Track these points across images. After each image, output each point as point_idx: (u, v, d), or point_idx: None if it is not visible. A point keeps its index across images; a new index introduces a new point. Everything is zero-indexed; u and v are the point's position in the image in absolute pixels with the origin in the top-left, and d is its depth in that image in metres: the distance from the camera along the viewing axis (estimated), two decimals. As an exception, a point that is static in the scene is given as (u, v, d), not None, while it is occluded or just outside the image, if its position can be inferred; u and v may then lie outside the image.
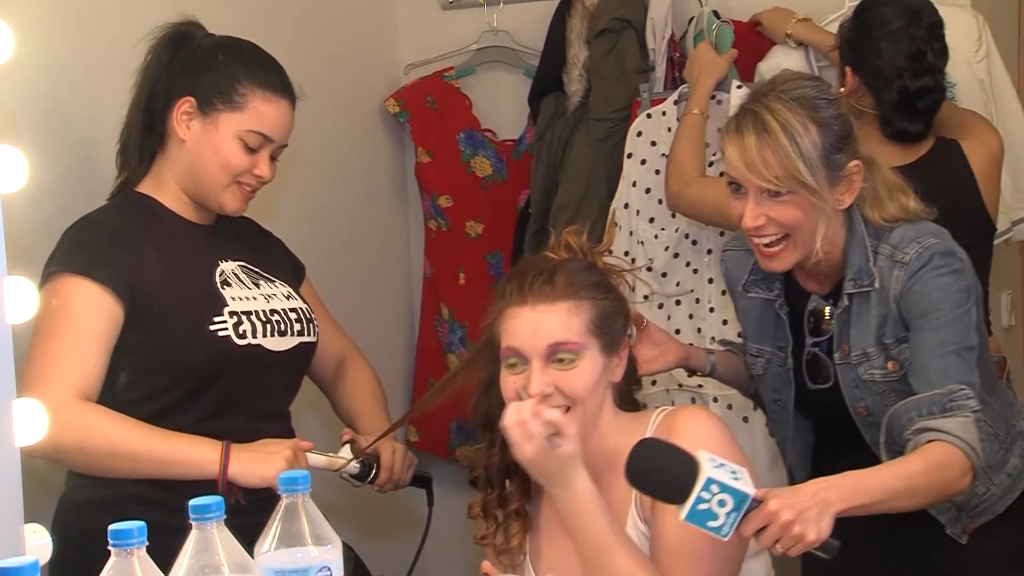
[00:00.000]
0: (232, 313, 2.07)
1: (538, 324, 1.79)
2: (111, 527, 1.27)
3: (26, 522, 1.44)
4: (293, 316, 2.17)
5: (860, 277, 1.98)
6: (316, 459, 2.10)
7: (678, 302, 3.02)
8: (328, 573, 1.45)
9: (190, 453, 1.96)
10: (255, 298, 2.13)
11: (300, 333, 2.17)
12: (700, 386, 2.93)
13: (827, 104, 1.96)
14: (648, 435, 1.81)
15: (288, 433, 2.15)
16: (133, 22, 2.20)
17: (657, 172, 2.98)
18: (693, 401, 2.97)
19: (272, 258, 2.27)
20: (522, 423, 1.70)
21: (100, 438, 1.94)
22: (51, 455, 1.89)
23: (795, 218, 1.93)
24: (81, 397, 1.93)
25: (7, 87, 1.48)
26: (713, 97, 2.91)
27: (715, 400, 2.94)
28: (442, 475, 3.53)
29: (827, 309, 2.06)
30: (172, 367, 2.02)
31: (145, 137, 2.13)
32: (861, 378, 2.02)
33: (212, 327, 2.04)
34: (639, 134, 3.02)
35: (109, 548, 1.27)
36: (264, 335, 2.09)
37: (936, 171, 2.51)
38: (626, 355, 1.90)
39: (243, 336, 2.06)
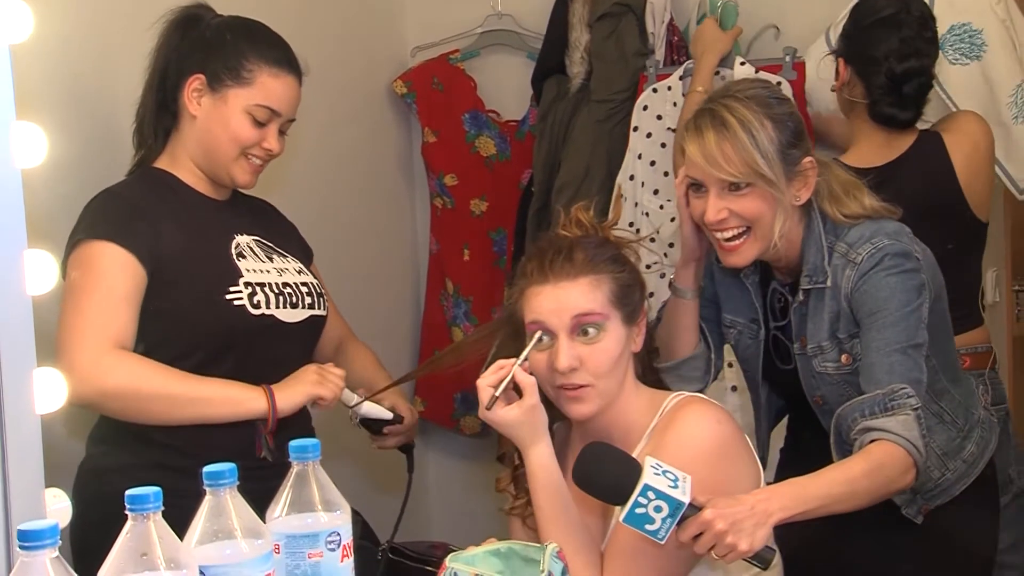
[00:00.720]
0: (247, 284, 2.11)
1: (562, 299, 1.84)
2: (128, 492, 1.30)
3: (47, 487, 1.49)
4: (304, 289, 2.21)
5: (814, 274, 2.03)
6: (348, 394, 2.18)
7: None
8: (337, 538, 1.50)
9: (228, 393, 2.03)
10: (268, 271, 2.17)
11: (311, 306, 2.21)
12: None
13: (779, 103, 2.02)
14: (656, 419, 1.88)
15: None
16: (149, 2, 2.23)
17: (663, 145, 3.02)
18: None
19: (285, 237, 2.32)
20: (482, 388, 1.81)
21: (143, 382, 1.99)
22: (95, 402, 1.98)
23: (756, 210, 1.98)
24: (119, 348, 1.99)
25: (27, 65, 1.50)
26: (717, 73, 2.94)
27: (734, 389, 2.95)
28: (446, 444, 3.60)
29: (788, 299, 2.11)
30: (187, 335, 2.07)
31: (159, 116, 2.18)
32: (815, 370, 2.06)
33: (227, 296, 2.08)
34: (645, 108, 3.05)
35: (126, 512, 1.30)
36: (277, 306, 2.14)
37: (916, 167, 2.56)
38: (644, 325, 1.95)
39: (257, 306, 2.10)
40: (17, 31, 1.47)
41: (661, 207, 3.05)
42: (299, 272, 2.24)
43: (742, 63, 2.94)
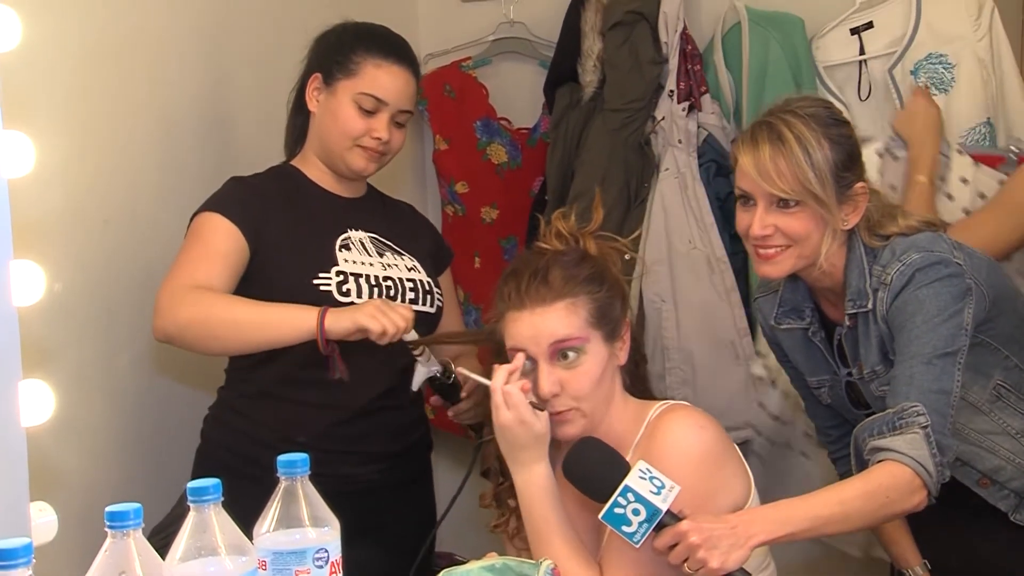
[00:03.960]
0: (340, 272, 2.20)
1: (539, 326, 1.84)
2: (107, 509, 1.31)
3: (32, 500, 1.48)
4: (409, 285, 2.27)
5: (858, 297, 2.01)
6: (413, 336, 2.13)
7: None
8: (325, 554, 1.49)
9: (288, 314, 2.10)
10: (371, 264, 2.25)
11: (414, 302, 2.25)
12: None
13: (837, 124, 2.00)
14: (642, 429, 1.87)
15: (393, 392, 2.25)
16: (140, 8, 2.23)
17: None
18: None
19: (412, 237, 2.40)
20: (508, 392, 1.80)
21: (212, 310, 2.10)
22: (174, 335, 2.12)
23: (802, 230, 1.96)
24: (199, 287, 2.10)
25: (15, 74, 1.50)
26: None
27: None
28: (456, 451, 3.58)
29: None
30: None
31: (295, 120, 2.38)
32: (875, 394, 2.04)
33: (315, 281, 2.17)
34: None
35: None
36: (369, 297, 2.19)
37: None
38: (628, 336, 1.94)
39: (346, 295, 2.18)
40: (5, 40, 1.47)
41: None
42: (410, 269, 2.31)
43: (959, 151, 2.76)
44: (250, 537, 1.45)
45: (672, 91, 3.05)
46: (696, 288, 3.04)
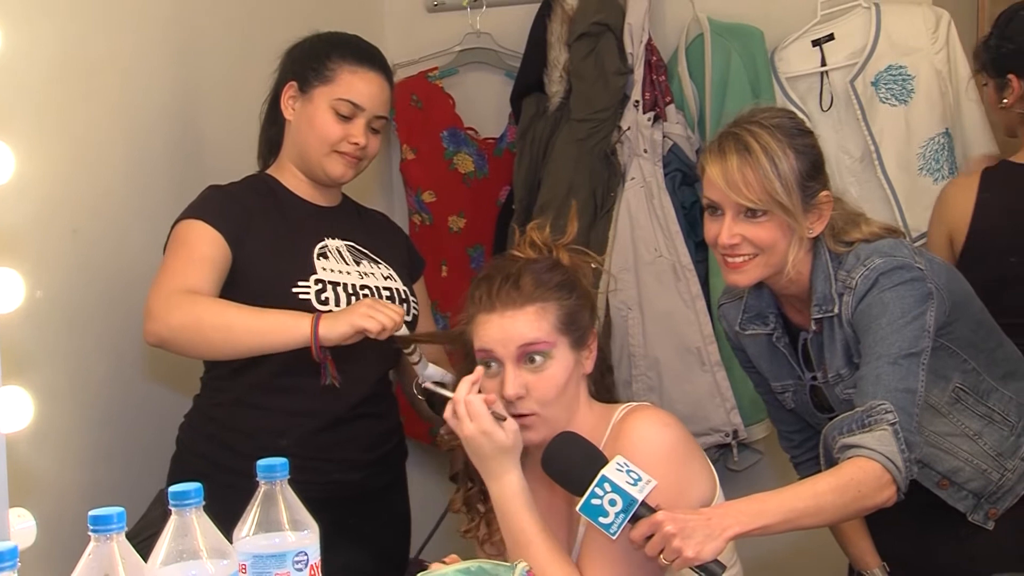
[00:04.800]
0: (318, 281, 2.20)
1: (508, 328, 1.87)
2: (91, 513, 1.30)
3: (11, 506, 1.48)
4: (386, 293, 2.28)
5: (824, 303, 2.04)
6: (422, 363, 2.14)
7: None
8: (305, 558, 1.50)
9: (280, 321, 2.11)
10: (349, 273, 2.26)
11: None
12: None
13: (802, 134, 2.04)
14: (608, 431, 1.90)
15: (372, 400, 2.28)
16: (122, 16, 2.23)
17: None
18: None
19: (387, 246, 2.41)
20: (469, 402, 1.82)
21: (204, 315, 2.10)
22: (166, 339, 2.11)
23: (769, 239, 1.99)
24: (189, 291, 2.10)
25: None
26: None
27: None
28: (424, 459, 3.58)
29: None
30: None
31: (269, 130, 2.40)
32: (840, 397, 2.07)
33: (295, 290, 2.18)
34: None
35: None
36: (347, 305, 2.19)
37: None
38: (595, 346, 1.96)
39: (324, 303, 2.19)
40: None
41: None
42: (386, 278, 2.32)
43: None
44: (230, 541, 1.45)
45: (637, 101, 3.08)
46: (662, 296, 3.07)
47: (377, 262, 2.34)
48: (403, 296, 2.32)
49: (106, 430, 2.35)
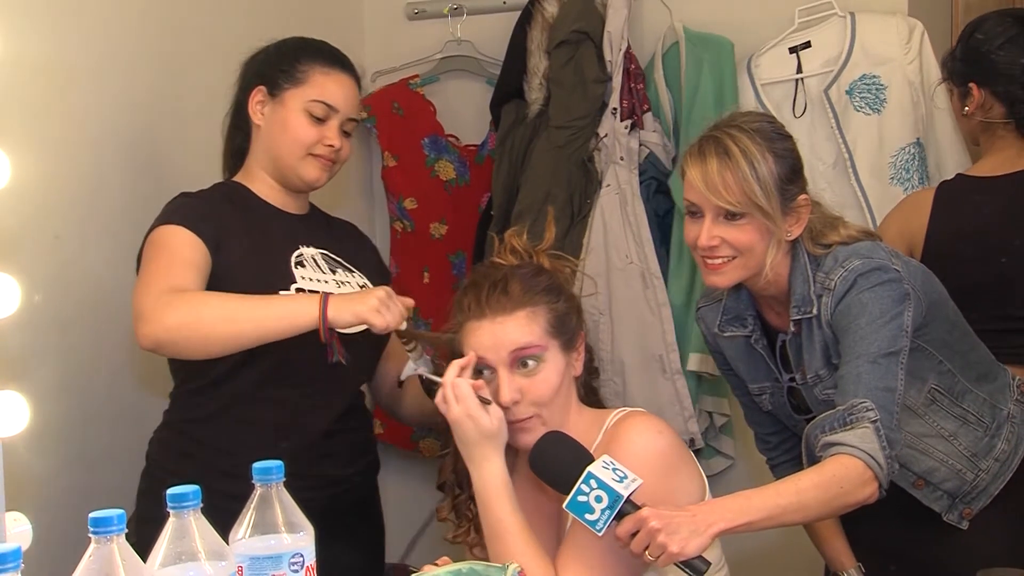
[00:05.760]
0: (298, 290, 2.15)
1: (499, 334, 1.88)
2: (91, 515, 1.31)
3: (7, 510, 1.49)
4: None
5: (802, 304, 2.06)
6: (421, 358, 2.12)
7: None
8: (300, 559, 1.51)
9: (286, 307, 2.05)
10: (326, 281, 2.21)
11: None
12: None
13: (781, 138, 2.07)
14: (601, 434, 1.92)
15: (351, 412, 2.26)
16: (116, 20, 2.24)
17: None
18: None
19: (359, 255, 2.37)
20: (456, 384, 1.84)
21: (203, 309, 2.03)
22: (164, 341, 2.02)
23: (748, 241, 2.02)
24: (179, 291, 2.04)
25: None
26: None
27: None
28: (405, 466, 3.59)
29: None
30: None
31: (233, 139, 2.36)
32: (819, 398, 2.10)
33: None
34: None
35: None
36: None
37: None
38: (583, 348, 1.99)
39: None
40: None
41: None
42: (361, 286, 2.27)
43: None
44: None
45: (615, 109, 3.10)
46: (631, 302, 3.09)
47: (351, 270, 2.31)
48: None
49: (101, 433, 2.36)
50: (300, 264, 2.21)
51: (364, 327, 2.06)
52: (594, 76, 3.13)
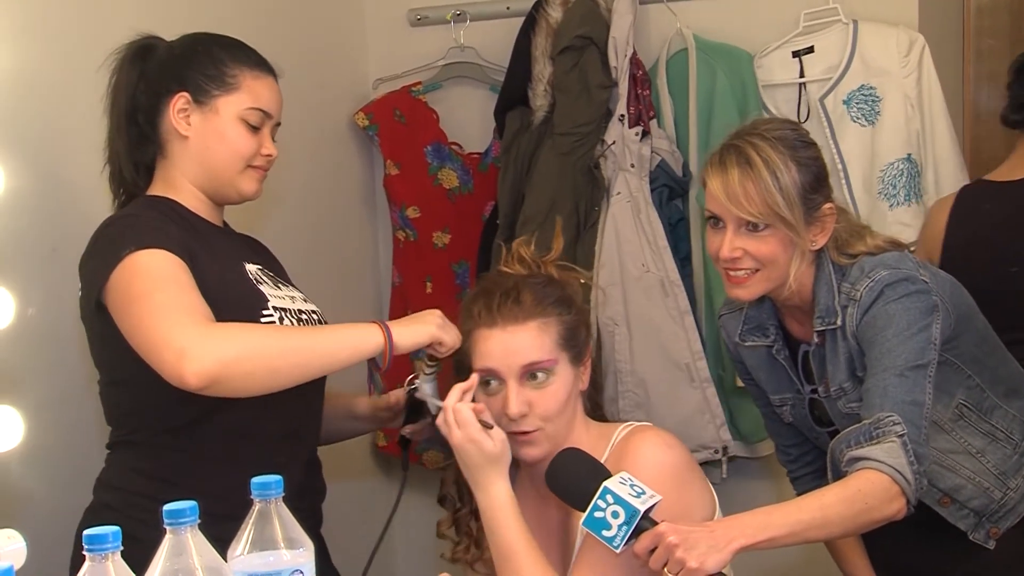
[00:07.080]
0: (275, 308, 2.03)
1: (510, 345, 1.86)
2: (85, 532, 1.28)
3: (1, 527, 1.47)
4: (316, 317, 2.12)
5: (826, 315, 2.03)
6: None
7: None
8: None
9: (346, 336, 1.93)
10: (283, 297, 2.09)
11: None
12: None
13: (805, 146, 2.03)
14: (608, 449, 1.89)
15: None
16: (104, 30, 2.22)
17: None
18: None
19: (283, 270, 2.26)
20: (458, 409, 1.82)
21: (260, 341, 1.88)
22: (218, 376, 1.79)
23: (771, 253, 1.99)
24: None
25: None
26: None
27: None
28: (409, 479, 3.57)
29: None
30: None
31: (137, 151, 2.09)
32: (842, 411, 2.07)
33: (263, 320, 1.99)
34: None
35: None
36: None
37: None
38: (590, 363, 1.96)
39: None
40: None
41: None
42: (305, 301, 2.17)
43: None
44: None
45: (623, 115, 3.09)
46: (650, 312, 3.07)
47: (288, 285, 2.19)
48: (320, 319, 2.17)
49: (96, 449, 2.32)
50: (259, 282, 2.07)
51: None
52: (598, 82, 3.12)
